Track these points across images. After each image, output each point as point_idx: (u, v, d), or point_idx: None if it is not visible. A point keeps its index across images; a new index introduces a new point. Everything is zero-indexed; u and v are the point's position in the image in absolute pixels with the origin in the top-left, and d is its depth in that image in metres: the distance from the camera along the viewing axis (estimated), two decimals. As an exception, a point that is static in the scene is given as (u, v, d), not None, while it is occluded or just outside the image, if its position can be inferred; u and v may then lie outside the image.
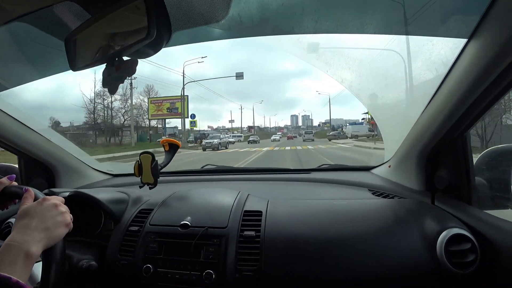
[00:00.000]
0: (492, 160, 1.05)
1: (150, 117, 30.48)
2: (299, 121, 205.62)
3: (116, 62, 0.63)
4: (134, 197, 1.16)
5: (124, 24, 0.59)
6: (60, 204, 0.73)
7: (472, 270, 0.78)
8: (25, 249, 0.60)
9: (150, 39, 0.53)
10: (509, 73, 0.68)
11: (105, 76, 0.66)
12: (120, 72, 0.63)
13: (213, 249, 0.89)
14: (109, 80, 0.65)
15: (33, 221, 0.65)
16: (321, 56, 1.02)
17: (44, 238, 0.65)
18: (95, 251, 1.01)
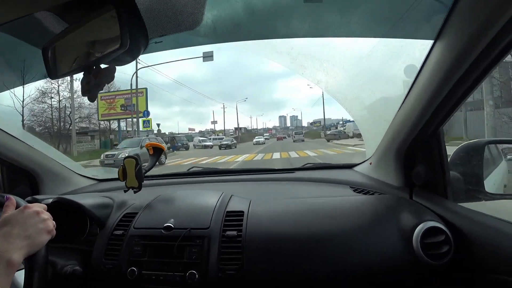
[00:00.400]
0: (465, 155, 1.09)
1: (100, 118, 23.49)
2: (288, 122, 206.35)
3: (94, 70, 0.64)
4: (118, 202, 1.16)
5: (100, 34, 0.60)
6: (42, 211, 0.73)
7: (446, 261, 0.82)
8: (7, 257, 0.60)
9: (124, 49, 0.55)
10: (473, 71, 0.71)
11: (84, 84, 0.67)
12: (99, 80, 0.64)
13: (196, 249, 0.91)
14: (88, 88, 0.66)
15: (15, 229, 0.65)
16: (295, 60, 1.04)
17: (25, 246, 0.65)
18: (80, 256, 1.01)
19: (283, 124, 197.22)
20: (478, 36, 0.64)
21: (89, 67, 0.64)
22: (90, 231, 1.08)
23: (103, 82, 0.63)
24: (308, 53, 1.02)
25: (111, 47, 0.57)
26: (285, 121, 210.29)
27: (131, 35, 0.57)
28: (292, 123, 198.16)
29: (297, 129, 73.37)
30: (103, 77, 0.63)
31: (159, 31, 0.67)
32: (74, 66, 0.66)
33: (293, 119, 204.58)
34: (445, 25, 0.70)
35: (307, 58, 1.03)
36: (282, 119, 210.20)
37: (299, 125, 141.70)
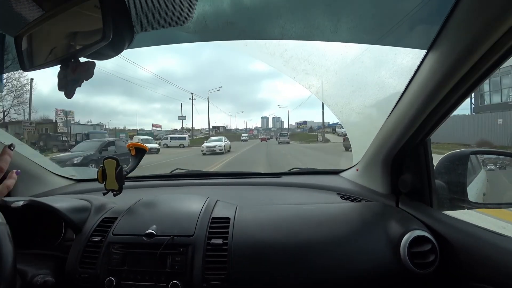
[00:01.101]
0: (450, 164, 1.11)
1: None
2: (270, 123, 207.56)
3: (72, 63, 0.59)
4: (97, 205, 1.09)
5: (80, 24, 0.55)
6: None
7: (432, 270, 0.82)
8: None
9: (106, 42, 0.50)
10: (464, 83, 0.72)
11: (61, 78, 0.61)
12: (77, 75, 0.59)
13: (179, 258, 0.86)
14: (65, 83, 0.61)
15: None
16: (288, 63, 1.03)
17: None
18: (53, 264, 0.94)
19: (265, 125, 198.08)
20: (471, 49, 0.64)
21: (67, 60, 0.59)
22: (65, 236, 1.01)
23: (81, 78, 0.58)
24: (301, 56, 1.00)
25: (93, 39, 0.52)
26: (267, 122, 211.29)
27: (115, 27, 0.52)
28: (274, 124, 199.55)
29: (281, 130, 69.13)
30: (81, 73, 0.58)
31: (146, 25, 0.63)
32: (50, 58, 0.60)
33: (276, 120, 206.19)
34: (438, 36, 0.70)
35: (300, 61, 1.01)
36: (265, 120, 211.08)
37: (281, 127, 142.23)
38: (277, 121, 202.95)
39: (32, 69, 0.65)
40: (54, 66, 0.61)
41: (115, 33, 0.54)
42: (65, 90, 0.61)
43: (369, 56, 0.96)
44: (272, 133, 68.59)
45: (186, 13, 0.60)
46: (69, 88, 0.60)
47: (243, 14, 0.74)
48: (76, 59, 0.58)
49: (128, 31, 0.60)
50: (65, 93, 0.62)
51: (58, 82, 0.62)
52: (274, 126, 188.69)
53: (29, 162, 1.39)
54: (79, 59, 0.58)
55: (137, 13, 0.60)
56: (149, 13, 0.61)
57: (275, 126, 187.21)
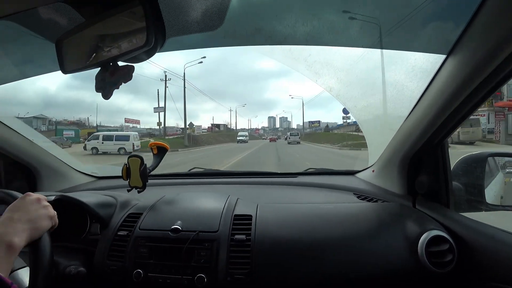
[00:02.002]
0: (467, 166, 1.11)
1: None
2: (277, 123, 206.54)
3: (111, 67, 0.63)
4: (122, 201, 1.14)
5: (121, 30, 0.59)
6: (43, 198, 0.73)
7: (450, 269, 0.84)
8: (7, 240, 0.60)
9: (149, 47, 0.54)
10: (483, 87, 0.73)
11: (98, 80, 0.65)
12: (116, 78, 0.63)
13: (204, 253, 0.89)
14: (103, 85, 0.65)
15: (16, 214, 0.66)
16: (311, 67, 1.05)
17: (27, 229, 0.65)
18: (82, 256, 0.98)
19: (272, 125, 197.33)
20: (492, 54, 0.65)
21: (106, 64, 0.63)
22: (90, 230, 1.06)
23: (120, 80, 0.62)
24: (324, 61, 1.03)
25: (134, 45, 0.56)
26: (274, 122, 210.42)
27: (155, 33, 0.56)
28: (281, 124, 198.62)
29: (291, 130, 61.70)
30: (121, 76, 0.62)
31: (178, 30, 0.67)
32: (90, 62, 0.64)
33: (283, 120, 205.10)
34: (458, 42, 0.72)
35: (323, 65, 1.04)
36: (272, 120, 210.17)
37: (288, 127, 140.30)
38: (284, 121, 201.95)
39: (72, 71, 0.69)
40: (93, 69, 0.65)
41: (153, 39, 0.57)
42: (103, 91, 0.65)
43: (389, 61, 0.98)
44: (279, 133, 64.35)
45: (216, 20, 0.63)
46: (107, 90, 0.64)
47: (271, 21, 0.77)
48: (114, 63, 0.63)
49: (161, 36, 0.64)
50: (103, 95, 0.66)
51: (96, 83, 0.66)
52: (281, 126, 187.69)
53: (55, 160, 1.46)
54: (117, 62, 0.63)
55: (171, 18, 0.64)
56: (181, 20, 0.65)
57: (282, 126, 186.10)
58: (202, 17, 0.63)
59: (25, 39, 0.84)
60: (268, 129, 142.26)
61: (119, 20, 0.59)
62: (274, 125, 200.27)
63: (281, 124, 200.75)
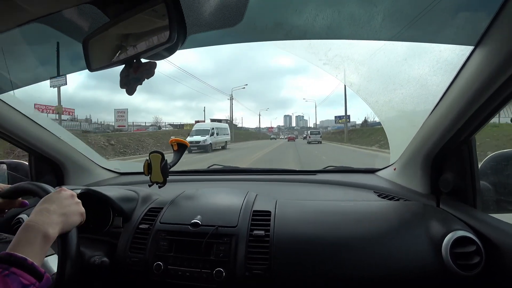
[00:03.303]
0: (497, 165, 1.06)
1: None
2: (293, 122, 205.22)
3: (134, 64, 0.65)
4: (143, 196, 1.18)
5: (144, 28, 0.61)
6: (75, 195, 0.78)
7: (477, 272, 0.80)
8: (44, 230, 0.63)
9: (171, 43, 0.55)
10: None
11: (123, 76, 0.68)
12: (139, 74, 0.65)
13: (223, 247, 0.91)
14: (127, 81, 0.67)
15: (52, 206, 0.70)
16: (331, 61, 1.04)
17: (61, 222, 0.69)
18: (105, 248, 1.03)
19: (288, 124, 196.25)
20: None
21: (130, 61, 0.66)
22: (113, 223, 1.10)
23: (143, 77, 0.64)
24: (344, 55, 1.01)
25: (157, 41, 0.58)
26: (290, 120, 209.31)
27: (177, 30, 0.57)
28: (298, 123, 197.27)
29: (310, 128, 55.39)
30: (144, 72, 0.64)
31: (199, 26, 0.68)
32: (115, 59, 0.67)
33: (299, 118, 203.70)
34: (487, 32, 0.68)
35: (343, 59, 1.02)
36: (288, 118, 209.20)
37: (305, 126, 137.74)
38: (300, 119, 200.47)
39: (97, 69, 0.72)
40: (118, 66, 0.68)
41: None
42: (127, 87, 0.68)
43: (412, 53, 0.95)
44: (296, 132, 61.57)
45: (236, 16, 0.64)
46: (131, 86, 0.67)
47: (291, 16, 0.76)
48: (138, 60, 0.65)
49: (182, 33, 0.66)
50: (127, 91, 0.68)
51: (120, 80, 0.69)
52: (297, 125, 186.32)
53: (81, 156, 1.53)
54: (141, 59, 0.65)
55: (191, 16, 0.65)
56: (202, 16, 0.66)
57: (298, 125, 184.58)
58: (223, 13, 0.64)
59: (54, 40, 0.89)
60: (284, 128, 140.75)
61: (142, 19, 0.61)
62: (290, 124, 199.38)
63: (297, 123, 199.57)
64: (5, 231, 0.93)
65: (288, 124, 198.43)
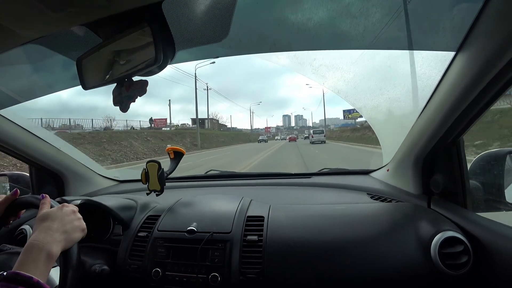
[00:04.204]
0: (486, 164, 1.08)
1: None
2: (292, 121, 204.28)
3: (126, 82, 0.68)
4: (141, 204, 1.20)
5: (133, 49, 0.64)
6: (76, 210, 0.80)
7: (465, 272, 0.82)
8: (47, 248, 0.65)
9: (158, 64, 0.58)
10: (496, 83, 0.71)
11: (116, 94, 0.71)
12: (131, 92, 0.67)
13: (218, 253, 0.94)
14: (120, 99, 0.70)
15: (55, 224, 0.71)
16: (317, 71, 1.07)
17: (63, 240, 0.70)
18: (105, 256, 1.05)
19: (287, 124, 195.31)
20: (503, 48, 0.63)
21: (121, 79, 0.68)
22: (113, 231, 1.13)
23: (135, 94, 0.67)
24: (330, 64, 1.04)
25: (145, 62, 0.61)
26: (289, 120, 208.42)
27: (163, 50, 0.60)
28: (297, 123, 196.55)
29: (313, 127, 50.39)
30: (135, 90, 0.66)
31: (186, 43, 0.71)
32: (108, 78, 0.70)
33: (298, 118, 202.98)
34: (467, 38, 0.70)
35: (329, 68, 1.05)
36: (286, 118, 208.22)
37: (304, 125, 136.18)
38: (299, 119, 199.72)
39: (91, 87, 0.75)
40: (110, 84, 0.71)
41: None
42: (120, 105, 0.70)
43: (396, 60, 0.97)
44: (295, 131, 58.49)
45: (222, 31, 0.66)
46: (124, 103, 0.70)
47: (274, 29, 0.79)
48: (129, 78, 0.68)
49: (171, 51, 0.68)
50: (120, 108, 0.71)
51: (113, 98, 0.71)
52: (296, 125, 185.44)
53: (80, 166, 1.56)
54: (132, 78, 0.67)
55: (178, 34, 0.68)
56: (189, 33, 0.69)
57: (297, 125, 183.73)
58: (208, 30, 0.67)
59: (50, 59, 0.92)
60: (283, 128, 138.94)
61: (132, 40, 0.63)
62: (289, 123, 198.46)
63: (297, 123, 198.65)
64: (9, 242, 0.96)
65: (287, 124, 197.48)
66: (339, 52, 1.00)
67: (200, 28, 0.67)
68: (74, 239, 0.74)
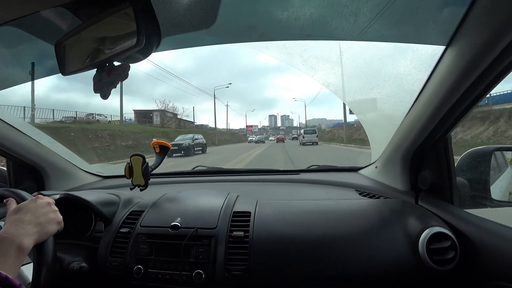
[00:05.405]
0: (472, 161, 1.09)
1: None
2: (278, 121, 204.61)
3: (107, 67, 0.65)
4: (124, 199, 1.16)
5: (114, 31, 0.61)
6: (52, 202, 0.76)
7: (452, 267, 0.82)
8: (18, 241, 0.62)
9: (140, 47, 0.55)
10: (485, 78, 0.71)
11: (96, 81, 0.67)
12: (112, 78, 0.64)
13: (203, 249, 0.90)
14: (101, 85, 0.66)
15: (27, 216, 0.68)
16: (306, 62, 1.05)
17: (36, 233, 0.67)
18: (86, 253, 1.01)
19: (273, 124, 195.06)
20: (491, 43, 0.63)
21: (102, 65, 0.65)
22: (95, 227, 1.08)
23: (116, 79, 0.63)
24: (320, 56, 1.03)
25: (126, 45, 0.57)
26: (275, 120, 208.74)
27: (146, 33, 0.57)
28: (283, 123, 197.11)
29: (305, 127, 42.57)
30: (116, 75, 0.63)
31: (172, 29, 0.68)
32: (87, 63, 0.66)
33: (284, 118, 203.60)
34: (457, 32, 0.70)
35: (319, 60, 1.03)
36: (273, 118, 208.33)
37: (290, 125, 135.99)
38: (286, 119, 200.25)
39: (71, 73, 0.71)
40: (90, 70, 0.67)
41: (145, 39, 0.58)
42: (101, 92, 0.67)
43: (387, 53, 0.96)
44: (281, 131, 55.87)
45: (209, 18, 0.64)
46: (105, 89, 0.66)
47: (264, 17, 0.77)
48: (110, 63, 0.64)
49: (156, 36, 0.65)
50: (101, 95, 0.67)
51: (93, 84, 0.68)
52: (283, 125, 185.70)
53: (62, 160, 1.50)
54: (113, 63, 0.64)
55: (164, 18, 0.65)
56: (175, 18, 0.66)
57: (283, 125, 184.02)
58: (195, 15, 0.64)
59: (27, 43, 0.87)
60: (268, 128, 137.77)
61: (113, 22, 0.60)
62: (275, 123, 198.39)
63: (283, 123, 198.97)
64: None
65: (273, 124, 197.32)
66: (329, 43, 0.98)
67: (187, 12, 0.64)
68: (48, 232, 0.70)
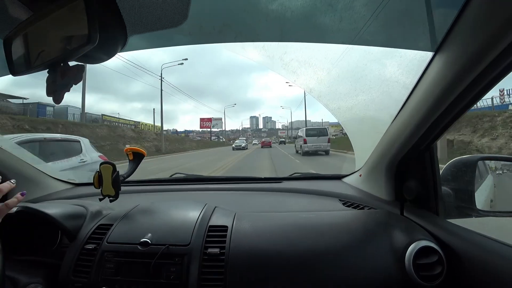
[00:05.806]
0: (457, 171, 1.07)
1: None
2: (260, 123, 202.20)
3: (61, 68, 0.57)
4: (93, 211, 1.06)
5: (67, 27, 0.53)
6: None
7: (439, 282, 0.79)
8: None
9: (93, 45, 0.47)
10: (474, 87, 0.68)
11: (49, 83, 0.59)
12: (66, 80, 0.56)
13: (174, 268, 0.83)
14: (54, 88, 0.58)
15: None
16: (287, 66, 0.99)
17: None
18: (46, 272, 0.92)
19: (254, 126, 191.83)
20: (481, 51, 0.61)
21: (56, 65, 0.57)
22: (62, 242, 0.99)
23: (70, 82, 0.56)
24: (302, 59, 0.97)
25: (78, 42, 0.50)
26: (257, 122, 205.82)
27: (105, 31, 0.50)
28: (265, 125, 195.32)
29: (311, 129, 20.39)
30: (70, 77, 0.55)
31: (139, 27, 0.60)
32: (38, 62, 0.58)
33: (266, 120, 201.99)
34: (446, 38, 0.67)
35: (301, 64, 0.98)
36: (254, 120, 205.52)
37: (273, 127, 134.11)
38: (268, 121, 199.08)
39: (21, 73, 0.62)
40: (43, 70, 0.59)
41: (105, 37, 0.51)
42: (54, 95, 0.58)
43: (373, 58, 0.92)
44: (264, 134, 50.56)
45: (179, 15, 0.57)
46: (58, 93, 0.58)
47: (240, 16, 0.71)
48: (65, 63, 0.56)
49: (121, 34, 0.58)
50: (54, 99, 0.59)
51: (46, 87, 0.59)
52: (264, 127, 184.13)
53: (28, 167, 1.38)
54: (68, 63, 0.56)
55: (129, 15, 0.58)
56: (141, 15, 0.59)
57: (265, 127, 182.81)
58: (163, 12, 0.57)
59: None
60: (250, 130, 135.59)
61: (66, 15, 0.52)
62: (257, 125, 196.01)
63: (265, 125, 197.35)
64: None
65: (254, 126, 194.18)
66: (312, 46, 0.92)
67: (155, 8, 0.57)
68: None
